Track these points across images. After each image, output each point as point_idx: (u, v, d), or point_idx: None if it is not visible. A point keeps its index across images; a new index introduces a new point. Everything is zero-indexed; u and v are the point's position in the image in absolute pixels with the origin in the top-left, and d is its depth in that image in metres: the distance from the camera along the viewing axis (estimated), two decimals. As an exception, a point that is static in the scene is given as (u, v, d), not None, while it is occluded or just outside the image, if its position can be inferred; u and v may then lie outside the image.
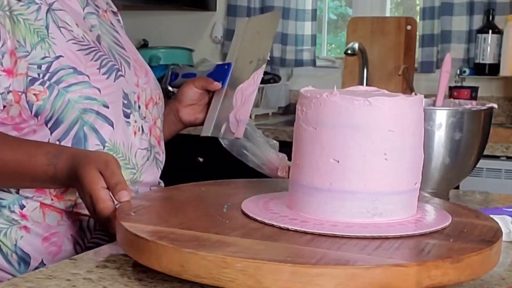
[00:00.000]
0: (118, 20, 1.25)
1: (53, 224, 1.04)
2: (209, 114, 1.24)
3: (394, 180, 0.76)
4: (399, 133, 0.75)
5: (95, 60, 1.05)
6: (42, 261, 1.04)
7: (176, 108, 1.27)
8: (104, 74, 1.06)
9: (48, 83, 0.99)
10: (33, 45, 0.99)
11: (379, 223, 0.74)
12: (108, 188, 0.89)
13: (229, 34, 3.14)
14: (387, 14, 3.03)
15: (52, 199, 1.03)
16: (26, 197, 1.02)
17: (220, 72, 1.26)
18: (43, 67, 0.99)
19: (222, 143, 1.20)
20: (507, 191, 2.14)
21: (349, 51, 2.74)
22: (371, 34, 2.86)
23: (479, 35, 2.69)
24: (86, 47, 1.05)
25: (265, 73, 3.01)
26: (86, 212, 0.98)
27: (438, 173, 1.14)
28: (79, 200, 1.00)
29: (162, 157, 1.20)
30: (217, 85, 1.23)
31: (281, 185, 0.94)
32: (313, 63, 3.06)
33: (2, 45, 0.97)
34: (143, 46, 3.17)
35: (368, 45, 2.83)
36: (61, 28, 1.03)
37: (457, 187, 1.66)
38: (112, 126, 1.05)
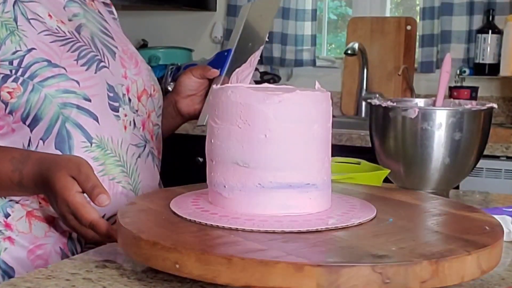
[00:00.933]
0: (111, 12, 1.20)
1: (40, 236, 0.98)
2: (205, 103, 1.17)
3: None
4: (306, 125, 0.75)
5: (72, 52, 1.00)
6: None
7: (175, 100, 1.19)
8: (83, 65, 1.00)
9: (21, 79, 0.94)
10: (1, 40, 0.95)
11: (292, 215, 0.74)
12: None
13: (229, 34, 3.14)
14: (387, 14, 3.03)
15: (40, 202, 0.98)
16: (11, 205, 0.97)
17: (220, 59, 1.20)
18: (15, 63, 0.94)
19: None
20: (507, 191, 2.14)
21: (349, 51, 2.74)
22: (371, 34, 2.86)
23: (479, 35, 2.69)
24: (61, 38, 1.00)
25: (265, 73, 3.01)
26: None
27: (438, 173, 1.14)
28: None
29: (158, 153, 1.14)
30: (214, 72, 1.16)
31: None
32: (313, 63, 3.06)
33: None
34: (142, 46, 3.17)
35: (368, 45, 2.83)
36: (31, 20, 0.98)
37: (457, 187, 1.66)
38: (97, 120, 0.99)
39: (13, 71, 0.94)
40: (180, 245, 0.64)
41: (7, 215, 0.97)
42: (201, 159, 2.61)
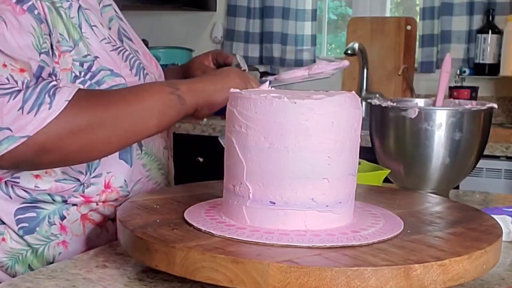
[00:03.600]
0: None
1: (93, 238, 0.98)
2: None
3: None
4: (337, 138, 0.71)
5: (125, 61, 1.00)
6: None
7: (182, 74, 1.23)
8: (136, 75, 1.01)
9: (89, 82, 0.93)
10: (76, 41, 0.93)
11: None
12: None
13: (229, 34, 3.15)
14: (387, 14, 3.03)
15: (97, 204, 0.98)
16: (67, 208, 0.96)
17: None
18: (85, 66, 0.93)
19: (222, 143, 1.20)
20: (507, 191, 2.15)
21: (349, 51, 2.74)
22: (371, 34, 2.86)
23: (479, 35, 2.69)
24: (115, 47, 1.00)
25: (265, 73, 3.01)
26: None
27: (438, 173, 1.14)
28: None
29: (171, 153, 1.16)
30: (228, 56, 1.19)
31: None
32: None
33: (49, 37, 0.90)
34: (142, 46, 3.17)
35: (368, 45, 2.83)
36: (93, 27, 0.97)
37: (457, 187, 1.66)
38: None
39: (82, 73, 0.93)
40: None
41: (62, 218, 0.97)
42: (201, 159, 2.61)
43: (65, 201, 0.96)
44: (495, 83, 2.76)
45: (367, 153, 1.28)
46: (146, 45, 3.58)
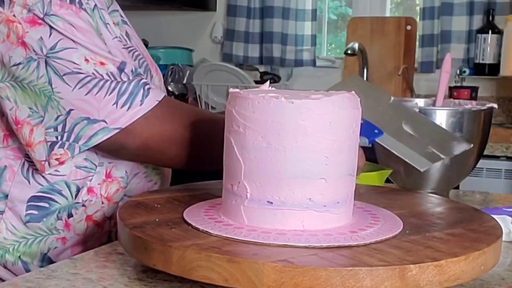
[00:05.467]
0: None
1: (89, 236, 1.01)
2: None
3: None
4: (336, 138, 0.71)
5: (135, 59, 1.01)
6: None
7: None
8: (143, 74, 1.00)
9: (67, 144, 0.91)
10: (44, 108, 0.91)
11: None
12: None
13: (229, 34, 3.15)
14: (387, 14, 3.03)
15: (102, 203, 0.99)
16: (77, 207, 0.97)
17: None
18: (59, 128, 0.91)
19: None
20: (507, 191, 2.15)
21: (349, 51, 2.74)
22: (371, 34, 2.86)
23: (479, 35, 2.69)
24: (126, 46, 1.00)
25: (265, 73, 3.01)
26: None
27: (438, 173, 1.14)
28: (121, 203, 0.99)
29: None
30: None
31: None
32: (313, 63, 3.06)
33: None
34: (143, 46, 3.17)
35: (368, 45, 2.83)
36: (107, 25, 0.97)
37: (457, 187, 1.66)
38: None
39: (59, 137, 0.92)
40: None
41: (70, 215, 0.98)
42: (201, 159, 2.61)
43: (76, 195, 0.98)
44: (495, 83, 2.76)
45: (367, 153, 1.28)
46: (146, 45, 3.57)
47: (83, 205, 0.99)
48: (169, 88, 2.89)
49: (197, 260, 0.63)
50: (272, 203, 0.71)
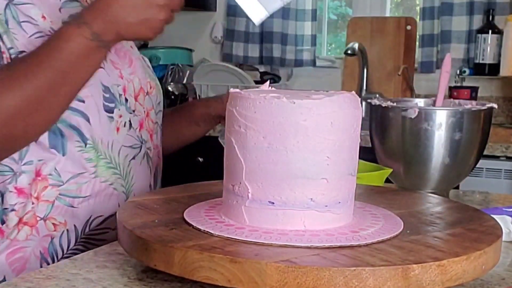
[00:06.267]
0: None
1: (22, 239, 0.98)
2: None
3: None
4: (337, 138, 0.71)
5: None
6: (4, 278, 0.97)
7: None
8: None
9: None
10: (0, 34, 0.94)
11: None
12: None
13: (229, 34, 3.15)
14: (387, 14, 3.03)
15: (33, 203, 0.97)
16: (6, 213, 0.96)
17: None
18: (5, 60, 0.93)
19: (222, 143, 1.20)
20: (507, 191, 2.15)
21: (349, 51, 2.74)
22: (371, 34, 2.86)
23: (479, 35, 2.69)
24: None
25: (265, 73, 3.01)
26: (62, 219, 0.98)
27: (438, 173, 1.14)
28: (57, 203, 0.97)
29: (155, 153, 1.12)
30: None
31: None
32: (313, 63, 3.06)
33: None
34: (143, 46, 3.17)
35: (368, 45, 2.83)
36: (23, 23, 0.96)
37: (457, 187, 1.66)
38: (89, 121, 0.98)
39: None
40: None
41: (2, 222, 0.97)
42: (201, 159, 2.61)
43: (2, 201, 0.96)
44: (495, 83, 2.76)
45: (367, 153, 1.28)
46: (146, 45, 3.56)
47: (13, 210, 0.97)
48: (169, 88, 2.89)
49: (199, 261, 0.63)
50: (273, 203, 0.71)
